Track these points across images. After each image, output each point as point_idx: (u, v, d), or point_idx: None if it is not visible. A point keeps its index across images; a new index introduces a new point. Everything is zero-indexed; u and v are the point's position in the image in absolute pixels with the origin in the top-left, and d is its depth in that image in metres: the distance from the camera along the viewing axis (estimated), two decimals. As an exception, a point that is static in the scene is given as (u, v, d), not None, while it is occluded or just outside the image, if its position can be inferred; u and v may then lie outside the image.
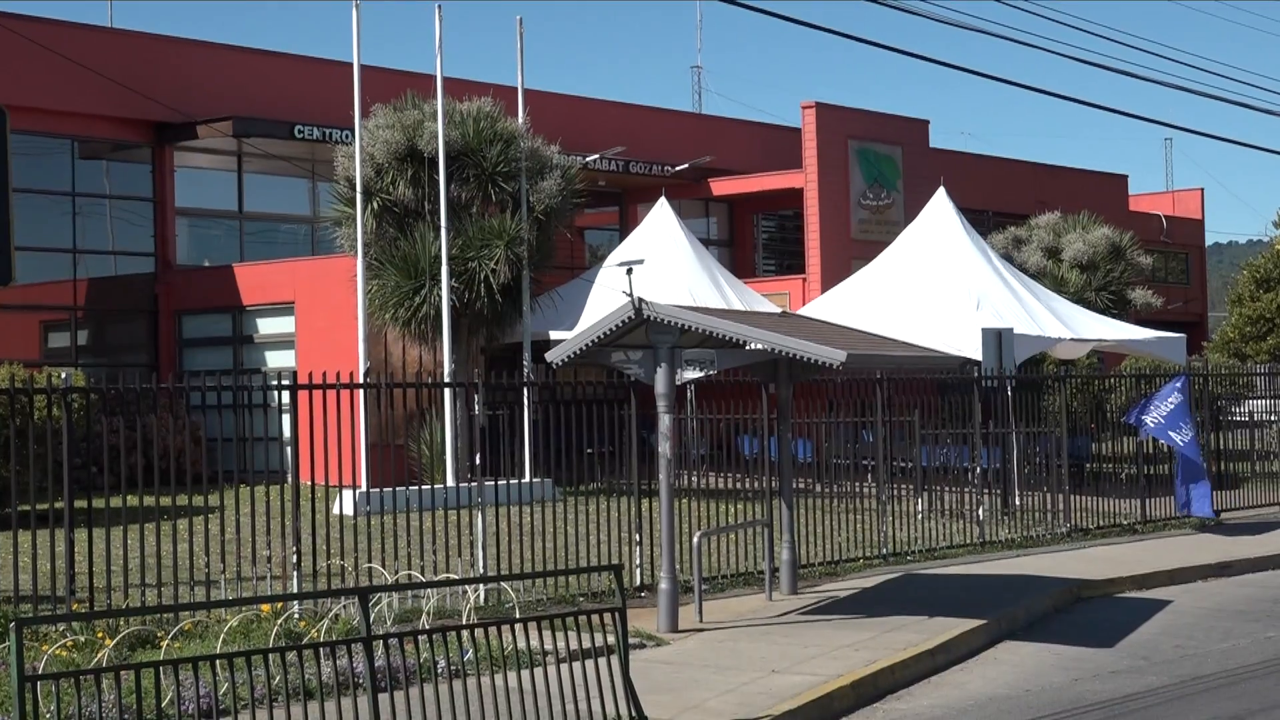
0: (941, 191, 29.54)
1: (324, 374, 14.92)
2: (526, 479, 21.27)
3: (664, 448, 14.51)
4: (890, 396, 20.56)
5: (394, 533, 15.63)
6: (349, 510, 18.02)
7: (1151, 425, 22.45)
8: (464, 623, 11.95)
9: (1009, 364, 23.20)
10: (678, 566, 14.95)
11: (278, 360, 29.85)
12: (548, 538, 16.56)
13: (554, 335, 25.89)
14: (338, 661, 10.69)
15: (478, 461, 15.87)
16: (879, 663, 12.92)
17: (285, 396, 14.63)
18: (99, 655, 11.14)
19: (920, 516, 21.00)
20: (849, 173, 36.66)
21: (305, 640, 11.81)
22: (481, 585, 14.65)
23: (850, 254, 34.76)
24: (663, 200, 31.11)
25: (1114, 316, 32.33)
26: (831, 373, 15.63)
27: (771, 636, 14.13)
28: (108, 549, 13.36)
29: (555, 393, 17.38)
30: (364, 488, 21.38)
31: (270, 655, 9.57)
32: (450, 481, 22.62)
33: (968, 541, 20.64)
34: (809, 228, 36.12)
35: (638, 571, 16.52)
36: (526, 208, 26.77)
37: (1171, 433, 22.28)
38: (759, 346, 13.84)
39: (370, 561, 14.90)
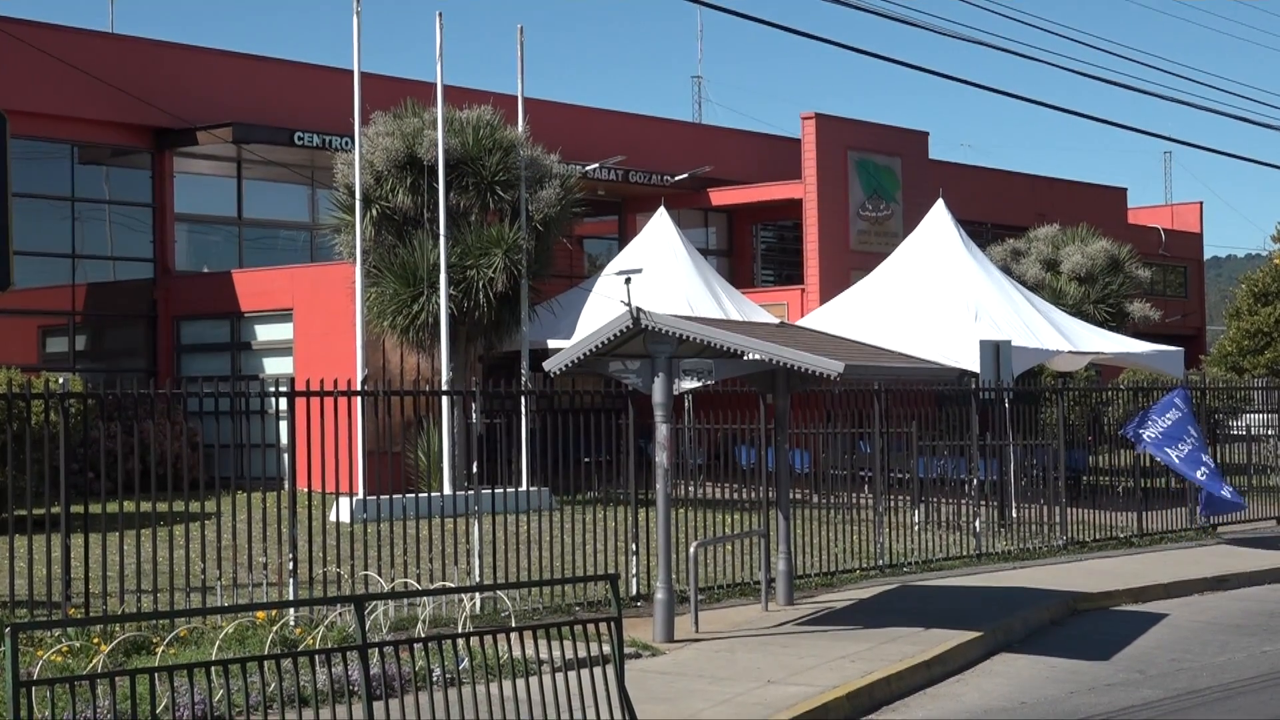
0: (940, 203, 29.57)
1: (322, 381, 14.94)
2: (523, 487, 21.26)
3: (661, 457, 14.52)
4: (888, 408, 20.55)
5: (390, 540, 15.64)
6: (345, 517, 18.00)
7: (1149, 440, 22.41)
8: (460, 631, 11.94)
9: (1007, 376, 23.21)
10: (674, 576, 14.95)
11: (276, 366, 29.85)
12: (544, 546, 16.58)
13: (552, 344, 25.92)
14: (333, 669, 10.69)
15: (475, 470, 15.86)
16: (875, 674, 12.91)
17: (283, 403, 14.64)
18: (94, 661, 11.13)
19: (917, 528, 21.01)
20: (848, 184, 36.68)
21: (301, 647, 11.81)
22: (477, 594, 14.64)
23: (849, 265, 34.78)
24: (662, 210, 31.14)
25: (1112, 329, 32.35)
26: (829, 383, 15.63)
27: (768, 647, 14.12)
28: (104, 554, 13.35)
29: (553, 401, 17.38)
30: (361, 495, 21.39)
31: (265, 662, 9.58)
32: (447, 489, 22.61)
33: (964, 553, 20.63)
34: (808, 238, 36.13)
35: (634, 581, 16.51)
36: (526, 216, 26.79)
37: (1168, 449, 22.22)
38: (757, 357, 13.85)
39: (366, 569, 14.91)
